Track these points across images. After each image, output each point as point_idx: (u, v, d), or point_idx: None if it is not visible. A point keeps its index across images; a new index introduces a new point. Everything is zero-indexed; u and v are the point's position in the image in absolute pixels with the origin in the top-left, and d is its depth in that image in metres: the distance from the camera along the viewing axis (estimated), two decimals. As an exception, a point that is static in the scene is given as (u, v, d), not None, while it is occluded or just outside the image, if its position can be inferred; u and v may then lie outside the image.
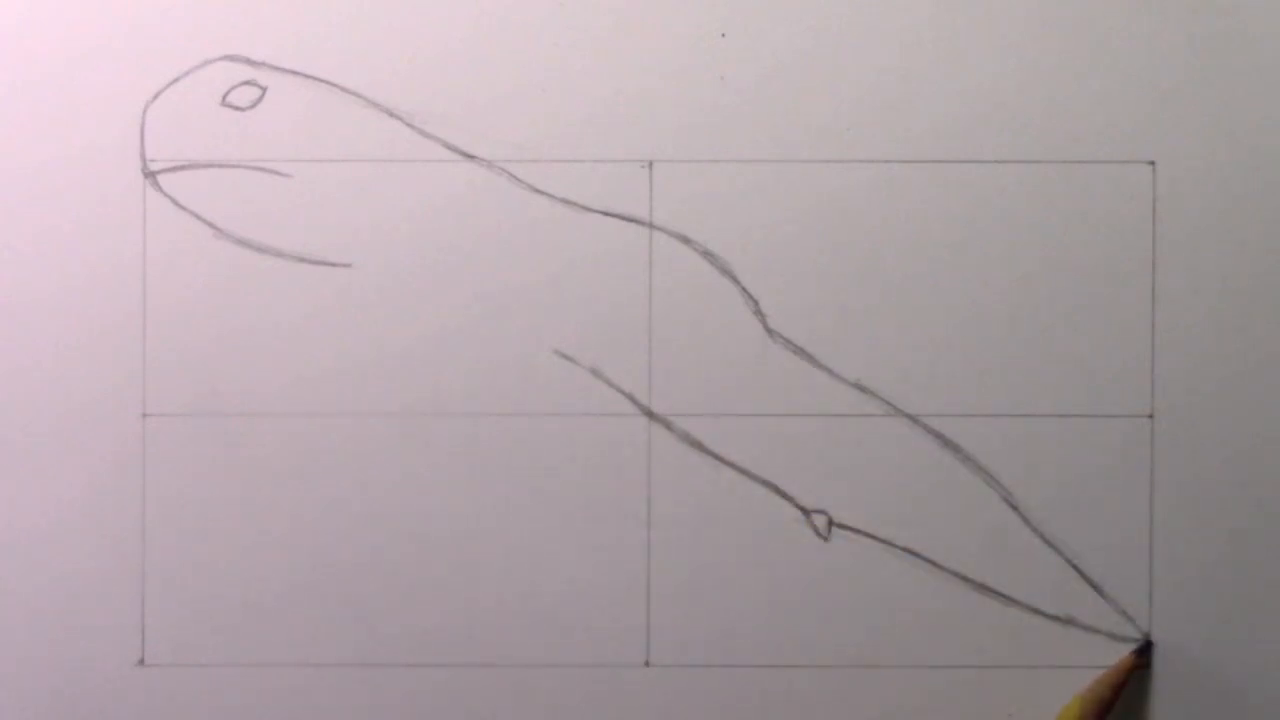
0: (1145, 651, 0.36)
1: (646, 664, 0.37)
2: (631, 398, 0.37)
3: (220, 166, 0.37)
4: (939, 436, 0.37)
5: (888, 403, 0.37)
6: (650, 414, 0.37)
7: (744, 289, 0.37)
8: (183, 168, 0.37)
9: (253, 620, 0.37)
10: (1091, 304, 0.37)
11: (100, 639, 0.37)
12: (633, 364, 0.37)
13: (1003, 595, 0.36)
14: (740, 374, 0.37)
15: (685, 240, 0.37)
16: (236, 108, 0.37)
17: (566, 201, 0.37)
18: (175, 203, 0.37)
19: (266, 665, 0.37)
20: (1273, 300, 0.36)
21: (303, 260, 0.37)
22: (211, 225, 0.37)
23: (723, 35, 0.37)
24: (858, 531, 0.37)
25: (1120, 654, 0.36)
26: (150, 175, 0.37)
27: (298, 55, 0.37)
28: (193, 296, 0.37)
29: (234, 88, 0.37)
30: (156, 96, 0.37)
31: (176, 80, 0.37)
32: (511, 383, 0.37)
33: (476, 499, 0.37)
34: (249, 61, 0.37)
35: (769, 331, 0.37)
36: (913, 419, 0.37)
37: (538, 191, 0.37)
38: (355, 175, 0.37)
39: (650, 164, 0.37)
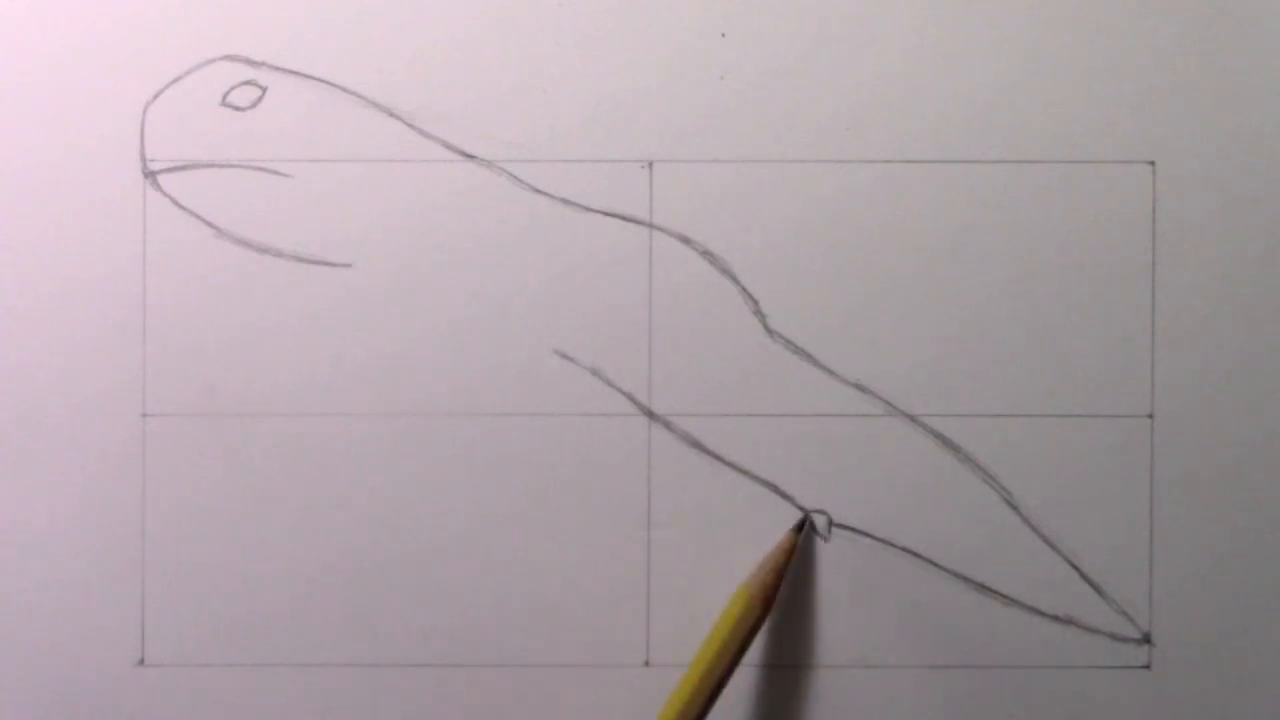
0: (802, 528, 0.36)
1: (646, 664, 0.37)
2: (631, 398, 0.37)
3: (220, 166, 0.37)
4: (939, 436, 0.37)
5: (888, 403, 0.37)
6: (650, 414, 0.37)
7: (744, 289, 0.37)
8: (183, 168, 0.37)
9: (253, 620, 0.37)
10: (1091, 304, 0.37)
11: (100, 639, 0.37)
12: (633, 364, 0.37)
13: (1003, 595, 0.36)
14: (740, 374, 0.37)
15: (685, 240, 0.37)
16: (236, 108, 0.37)
17: (566, 201, 0.37)
18: (175, 203, 0.37)
19: (266, 665, 0.37)
20: (1273, 300, 0.36)
21: (303, 260, 0.37)
22: (211, 225, 0.37)
23: (723, 35, 0.37)
24: (858, 531, 0.37)
25: (1120, 654, 0.36)
26: (150, 175, 0.37)
27: (298, 55, 0.37)
28: (193, 296, 0.37)
29: (234, 88, 0.37)
30: (156, 96, 0.37)
31: (176, 80, 0.37)
32: (511, 383, 0.37)
33: (476, 499, 0.37)
34: (249, 61, 0.37)
35: (769, 331, 0.37)
36: (913, 419, 0.37)
37: (538, 191, 0.37)
38: (355, 175, 0.37)
39: (650, 164, 0.37)
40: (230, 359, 0.37)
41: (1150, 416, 0.37)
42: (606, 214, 0.37)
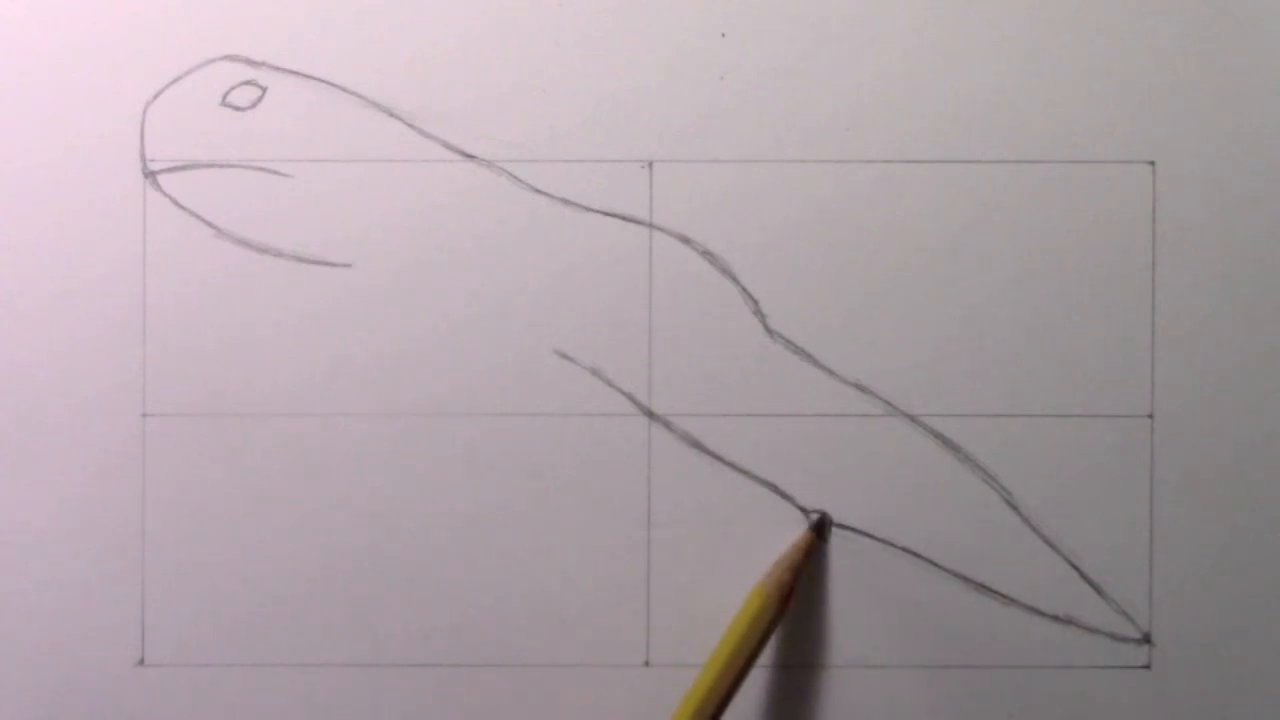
0: (821, 526, 0.36)
1: (646, 664, 0.37)
2: (631, 398, 0.37)
3: (220, 166, 0.37)
4: (939, 436, 0.37)
5: (888, 403, 0.37)
6: (650, 414, 0.37)
7: (744, 289, 0.37)
8: (183, 168, 0.37)
9: (253, 620, 0.37)
10: (1091, 304, 0.37)
11: (100, 639, 0.37)
12: (633, 364, 0.37)
13: (1003, 595, 0.36)
14: (740, 374, 0.37)
15: (685, 240, 0.37)
16: (236, 108, 0.37)
17: (566, 201, 0.37)
18: (175, 203, 0.37)
19: (266, 665, 0.37)
20: (1273, 300, 0.36)
21: (303, 260, 0.37)
22: (211, 225, 0.37)
23: (723, 35, 0.37)
24: (858, 531, 0.37)
25: (1120, 654, 0.36)
26: (150, 175, 0.37)
27: (298, 55, 0.37)
28: (193, 296, 0.37)
29: (234, 88, 0.37)
30: (156, 96, 0.37)
31: (176, 80, 0.37)
32: (511, 383, 0.37)
33: (476, 499, 0.37)
34: (249, 61, 0.37)
35: (769, 331, 0.37)
36: (913, 419, 0.37)
37: (538, 191, 0.37)
38: (355, 175, 0.37)
39: (650, 164, 0.37)
40: (230, 359, 0.37)
41: (1150, 416, 0.37)
42: (606, 214, 0.37)
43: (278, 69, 0.37)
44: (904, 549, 0.36)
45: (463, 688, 0.37)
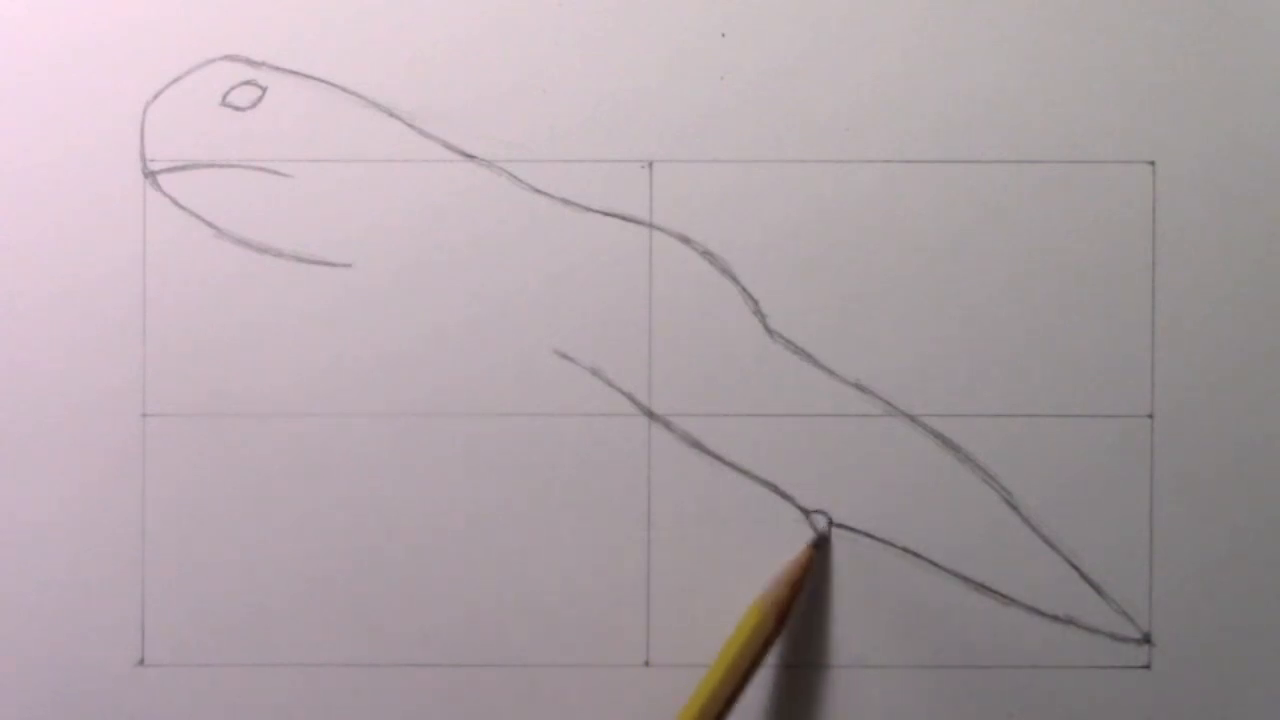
0: (823, 544, 0.36)
1: (646, 664, 0.37)
2: (631, 398, 0.37)
3: (220, 166, 0.37)
4: (939, 436, 0.37)
5: (888, 403, 0.37)
6: (650, 414, 0.37)
7: (744, 289, 0.37)
8: (183, 168, 0.37)
9: (253, 620, 0.37)
10: (1091, 304, 0.37)
11: (100, 639, 0.37)
12: (633, 364, 0.37)
13: (1003, 595, 0.36)
14: (740, 374, 0.37)
15: (685, 240, 0.37)
16: (236, 108, 0.37)
17: (566, 201, 0.37)
18: (175, 203, 0.37)
19: (266, 665, 0.37)
20: (1273, 300, 0.37)
21: (303, 260, 0.37)
22: (211, 225, 0.37)
23: (723, 35, 0.37)
24: (858, 531, 0.37)
25: (1120, 654, 0.36)
26: (150, 175, 0.37)
27: (298, 55, 0.37)
28: (193, 296, 0.37)
29: (234, 88, 0.37)
30: (156, 96, 0.37)
31: (176, 80, 0.37)
32: (511, 383, 0.37)
33: (476, 499, 0.37)
34: (249, 61, 0.37)
35: (769, 331, 0.37)
36: (913, 419, 0.37)
37: (538, 191, 0.37)
38: (355, 175, 0.37)
39: (650, 164, 0.37)
40: (230, 359, 0.37)
41: (1150, 416, 0.37)
42: (606, 214, 0.37)
43: (278, 69, 0.37)
44: (904, 549, 0.36)
45: (463, 688, 0.37)
